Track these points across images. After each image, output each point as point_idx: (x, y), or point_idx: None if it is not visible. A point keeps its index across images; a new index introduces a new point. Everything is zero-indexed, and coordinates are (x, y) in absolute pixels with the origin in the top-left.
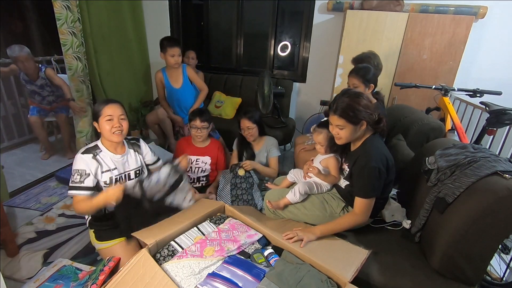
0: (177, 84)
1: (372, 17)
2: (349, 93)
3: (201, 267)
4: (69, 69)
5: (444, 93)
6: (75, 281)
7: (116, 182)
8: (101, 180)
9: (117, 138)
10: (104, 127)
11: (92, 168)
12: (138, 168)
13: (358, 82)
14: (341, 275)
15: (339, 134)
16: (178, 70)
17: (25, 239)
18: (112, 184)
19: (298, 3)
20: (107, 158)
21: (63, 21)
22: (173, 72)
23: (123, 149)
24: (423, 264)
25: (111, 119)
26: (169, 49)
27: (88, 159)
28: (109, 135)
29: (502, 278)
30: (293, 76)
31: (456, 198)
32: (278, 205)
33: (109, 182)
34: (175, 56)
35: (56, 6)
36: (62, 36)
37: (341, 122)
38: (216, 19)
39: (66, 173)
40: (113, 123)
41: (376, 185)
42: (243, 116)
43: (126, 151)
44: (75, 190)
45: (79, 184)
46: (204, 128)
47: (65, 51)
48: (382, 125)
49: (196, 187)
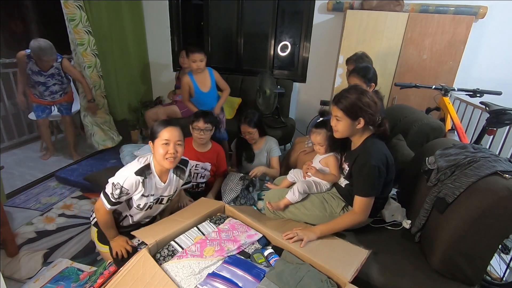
0: (205, 87)
1: (372, 17)
2: (356, 88)
3: (201, 267)
4: (88, 67)
5: (444, 93)
6: (76, 282)
7: (148, 208)
8: (136, 201)
9: (169, 165)
10: (158, 151)
11: (135, 191)
12: (171, 196)
13: (360, 81)
14: (341, 275)
15: (336, 126)
16: (205, 74)
17: (25, 239)
18: (144, 209)
19: (298, 3)
20: (153, 184)
21: (77, 21)
22: (199, 75)
23: (167, 176)
24: (423, 264)
25: (167, 143)
26: (191, 55)
27: (138, 182)
28: (161, 160)
29: (502, 278)
30: (293, 76)
31: (456, 198)
32: (278, 206)
33: (142, 207)
34: (197, 61)
35: (69, 6)
36: (78, 36)
37: (339, 114)
38: (216, 19)
39: (66, 173)
40: (168, 148)
41: (375, 183)
42: (243, 122)
43: (170, 179)
44: (109, 204)
45: (115, 200)
46: (207, 130)
47: (84, 50)
48: (383, 128)
49: (194, 191)
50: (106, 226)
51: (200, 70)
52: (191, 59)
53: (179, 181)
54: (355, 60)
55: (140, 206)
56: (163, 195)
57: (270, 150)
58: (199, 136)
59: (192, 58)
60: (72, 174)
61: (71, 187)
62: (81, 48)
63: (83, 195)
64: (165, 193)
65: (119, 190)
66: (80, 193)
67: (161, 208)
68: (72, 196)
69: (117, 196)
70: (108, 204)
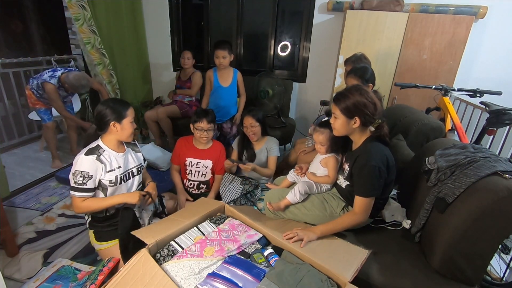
0: (225, 83)
1: (372, 17)
2: (357, 87)
3: (201, 267)
4: (98, 64)
5: (444, 93)
6: (74, 282)
7: (121, 180)
8: (105, 179)
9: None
10: (128, 128)
11: (96, 170)
12: (139, 165)
13: (357, 82)
14: (341, 275)
15: (333, 124)
16: (228, 71)
17: (25, 239)
18: (118, 183)
19: (298, 3)
20: (111, 157)
21: (82, 20)
22: (222, 71)
23: (123, 148)
24: (423, 264)
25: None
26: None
27: (92, 161)
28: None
29: (502, 278)
30: (293, 76)
31: (456, 198)
32: (278, 206)
33: (114, 181)
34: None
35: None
36: (84, 35)
37: (337, 112)
38: (216, 19)
39: (66, 173)
40: (134, 125)
41: (376, 184)
42: (247, 113)
43: (126, 150)
44: (77, 191)
45: (82, 186)
46: (210, 130)
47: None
48: (382, 132)
49: (195, 193)
50: (98, 207)
51: (222, 66)
52: (215, 55)
53: (137, 153)
54: (354, 61)
55: (112, 181)
56: (129, 166)
57: (269, 150)
58: (203, 136)
59: (216, 54)
60: None
61: None
62: (88, 47)
63: None
64: (130, 164)
65: (80, 175)
66: None
67: (137, 181)
68: None
69: (80, 182)
70: (77, 192)
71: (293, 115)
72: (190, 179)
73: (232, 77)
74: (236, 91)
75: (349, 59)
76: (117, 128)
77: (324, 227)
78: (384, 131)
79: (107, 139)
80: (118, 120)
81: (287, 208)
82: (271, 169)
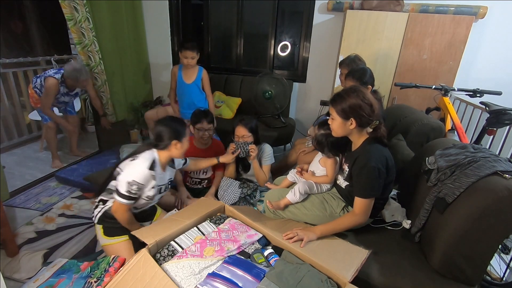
0: (188, 80)
1: (372, 17)
2: (354, 89)
3: (201, 267)
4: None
5: (444, 93)
6: (77, 273)
7: (153, 196)
8: (147, 192)
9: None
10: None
11: (148, 184)
12: (169, 180)
13: (355, 84)
14: (341, 275)
15: (331, 125)
16: (194, 69)
17: (25, 239)
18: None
19: (298, 3)
20: (159, 174)
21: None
22: (188, 70)
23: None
24: (423, 264)
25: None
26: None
27: (150, 176)
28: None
29: (502, 278)
30: (293, 76)
31: (456, 198)
32: (278, 205)
33: (151, 197)
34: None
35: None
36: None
37: (333, 112)
38: (216, 19)
39: (66, 173)
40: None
41: (375, 185)
42: (239, 123)
43: (166, 168)
44: (127, 199)
45: (134, 196)
46: (210, 130)
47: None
48: (378, 133)
49: (197, 188)
50: (129, 223)
51: (190, 66)
52: (183, 55)
53: (171, 169)
54: (348, 63)
55: (150, 196)
56: (163, 183)
57: (263, 157)
58: (203, 135)
59: (184, 54)
60: (72, 174)
61: (71, 187)
62: (78, 47)
63: (83, 195)
64: (164, 182)
65: (136, 186)
66: (80, 193)
67: (160, 196)
68: (72, 196)
69: (134, 192)
70: (126, 200)
71: (293, 115)
72: (192, 177)
73: (196, 74)
74: (200, 88)
75: (343, 61)
76: (178, 147)
77: (324, 227)
78: (381, 133)
79: (163, 155)
80: (180, 139)
81: (287, 208)
82: (266, 176)
